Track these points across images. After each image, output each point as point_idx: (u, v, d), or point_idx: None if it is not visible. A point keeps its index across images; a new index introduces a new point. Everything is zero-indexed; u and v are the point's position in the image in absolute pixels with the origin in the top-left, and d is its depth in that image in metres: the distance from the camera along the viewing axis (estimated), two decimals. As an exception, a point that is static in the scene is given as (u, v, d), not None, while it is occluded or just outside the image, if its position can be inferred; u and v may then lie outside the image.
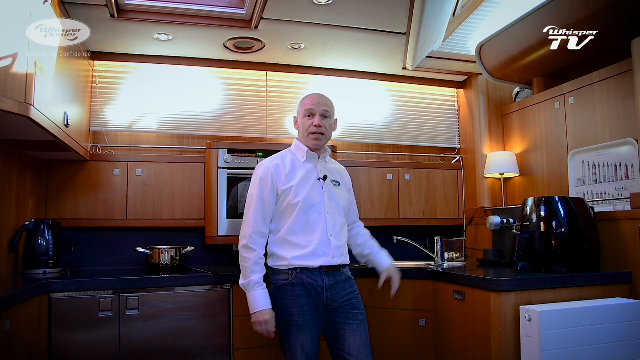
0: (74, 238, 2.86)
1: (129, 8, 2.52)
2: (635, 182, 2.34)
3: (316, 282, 1.97)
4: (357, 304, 2.04)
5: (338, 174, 2.20)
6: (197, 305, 2.40)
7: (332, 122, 2.13)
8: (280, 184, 2.02)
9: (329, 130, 2.11)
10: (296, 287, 1.96)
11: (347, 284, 2.05)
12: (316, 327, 1.99)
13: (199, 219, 2.94)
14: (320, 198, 2.03)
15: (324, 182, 2.07)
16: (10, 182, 2.41)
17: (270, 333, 1.95)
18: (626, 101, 2.37)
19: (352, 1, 2.47)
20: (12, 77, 1.76)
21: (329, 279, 1.99)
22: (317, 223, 2.00)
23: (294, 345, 1.95)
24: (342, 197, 2.14)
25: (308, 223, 1.99)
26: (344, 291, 2.02)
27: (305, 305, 1.96)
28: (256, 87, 3.24)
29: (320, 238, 1.98)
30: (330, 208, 2.04)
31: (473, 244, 3.27)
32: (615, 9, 2.21)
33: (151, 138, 3.11)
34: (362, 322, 2.01)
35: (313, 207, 2.00)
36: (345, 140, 3.42)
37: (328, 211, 2.03)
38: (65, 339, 2.18)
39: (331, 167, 2.19)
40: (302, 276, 1.96)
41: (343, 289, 2.02)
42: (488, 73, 3.06)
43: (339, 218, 2.08)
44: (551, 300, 2.01)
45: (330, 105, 2.14)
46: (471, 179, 3.41)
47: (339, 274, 2.03)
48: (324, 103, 2.10)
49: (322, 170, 2.10)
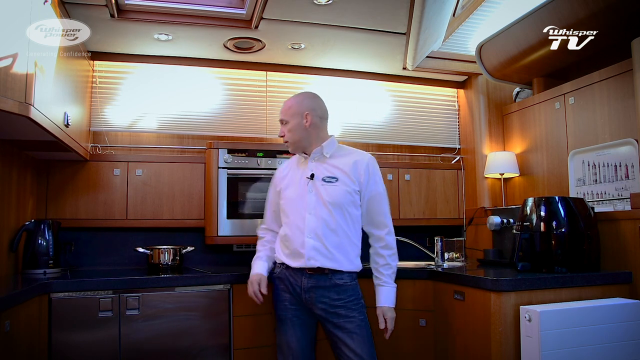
0: (74, 238, 2.86)
1: (129, 8, 2.52)
2: (635, 182, 2.34)
3: (296, 282, 1.99)
4: (344, 313, 1.93)
5: (338, 168, 2.01)
6: (197, 305, 2.40)
7: (292, 124, 2.03)
8: (279, 186, 2.13)
9: (294, 132, 2.03)
10: (281, 281, 2.05)
11: (333, 291, 1.94)
12: (302, 325, 2.01)
13: (199, 219, 2.94)
14: (305, 198, 1.99)
15: (310, 180, 2.01)
16: (10, 182, 2.41)
17: (256, 293, 2.03)
18: (626, 101, 2.37)
19: (352, 1, 2.47)
20: (12, 77, 1.76)
21: (308, 281, 1.96)
22: (297, 224, 1.98)
23: (280, 339, 2.05)
24: (335, 193, 1.96)
25: (291, 223, 2.01)
26: (324, 297, 1.94)
27: (288, 301, 2.02)
28: (256, 87, 3.24)
29: (298, 239, 1.97)
30: (314, 208, 1.96)
31: (473, 244, 3.27)
32: (615, 9, 2.21)
33: (151, 138, 3.11)
34: (350, 332, 1.91)
35: (296, 207, 2.01)
36: (345, 140, 3.42)
37: (310, 211, 1.96)
38: (65, 339, 2.18)
39: (331, 162, 2.03)
40: (286, 273, 2.03)
41: (324, 295, 1.94)
42: (488, 73, 3.06)
43: (328, 218, 1.94)
44: (551, 300, 2.01)
45: (286, 109, 2.06)
46: (471, 179, 3.41)
47: (324, 279, 1.94)
48: (281, 111, 2.09)
49: (314, 169, 2.02)
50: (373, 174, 2.02)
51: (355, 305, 1.97)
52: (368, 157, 2.06)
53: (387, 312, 2.00)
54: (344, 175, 2.00)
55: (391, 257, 2.03)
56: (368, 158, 2.05)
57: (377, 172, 2.05)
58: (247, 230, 2.87)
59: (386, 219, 2.03)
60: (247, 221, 2.88)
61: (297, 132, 2.03)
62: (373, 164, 2.05)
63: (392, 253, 2.03)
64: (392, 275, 2.03)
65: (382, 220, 2.03)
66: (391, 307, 2.01)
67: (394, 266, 2.04)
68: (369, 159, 2.05)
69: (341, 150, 2.10)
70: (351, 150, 2.10)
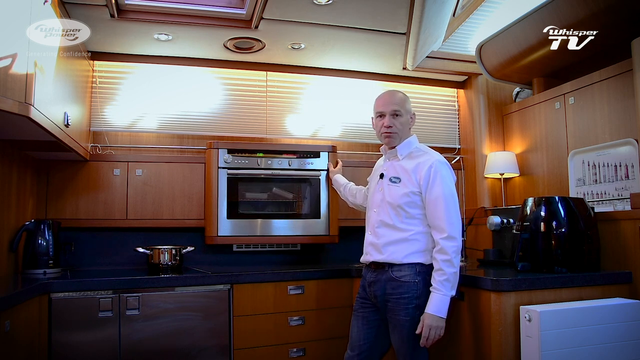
0: (74, 238, 2.86)
1: (129, 8, 2.52)
2: (635, 182, 2.33)
3: (365, 277, 2.12)
4: (391, 307, 1.97)
5: (405, 169, 2.03)
6: (197, 305, 2.40)
7: (404, 119, 2.09)
8: (370, 177, 2.33)
9: (404, 126, 2.10)
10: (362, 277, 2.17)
11: (388, 285, 1.99)
12: (364, 318, 2.09)
13: (199, 219, 2.94)
14: (375, 196, 2.13)
15: (380, 179, 2.12)
16: (10, 182, 2.41)
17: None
18: (626, 101, 2.37)
19: (352, 1, 2.47)
20: (12, 77, 1.76)
21: (371, 275, 2.07)
22: (368, 219, 2.16)
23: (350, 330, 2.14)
24: (396, 194, 2.01)
25: (366, 217, 2.19)
26: (381, 290, 2.01)
27: (359, 295, 2.15)
28: (256, 87, 3.24)
29: (366, 235, 2.14)
30: (379, 206, 2.08)
31: (473, 244, 3.27)
32: (615, 9, 2.21)
33: (151, 138, 3.11)
34: (394, 327, 1.98)
35: (369, 203, 2.19)
36: (345, 140, 3.42)
37: (375, 209, 2.10)
38: (65, 339, 2.18)
39: (401, 163, 2.07)
40: (364, 269, 2.16)
41: (381, 288, 2.00)
42: (488, 73, 3.06)
43: (387, 217, 2.02)
44: (551, 300, 2.01)
45: (400, 102, 2.10)
46: (471, 179, 3.41)
47: (382, 272, 2.01)
48: (392, 102, 2.10)
49: (387, 168, 2.12)
50: (435, 177, 1.96)
51: (407, 304, 1.94)
52: (434, 159, 2.00)
53: (426, 318, 1.88)
54: (407, 176, 2.02)
55: (445, 262, 1.89)
56: (433, 160, 1.99)
57: (442, 175, 1.96)
58: (247, 230, 2.87)
59: (444, 223, 1.92)
60: (247, 221, 2.88)
61: (405, 128, 2.11)
62: (438, 166, 1.97)
63: (446, 259, 1.89)
64: (446, 283, 1.88)
65: (439, 224, 1.93)
66: (433, 315, 1.87)
67: (449, 273, 1.88)
68: (434, 162, 1.98)
69: (416, 151, 2.09)
70: (423, 152, 2.08)
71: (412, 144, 2.11)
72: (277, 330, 2.56)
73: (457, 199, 1.98)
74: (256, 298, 2.54)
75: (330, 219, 3.00)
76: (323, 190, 3.00)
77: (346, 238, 3.13)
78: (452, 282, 1.89)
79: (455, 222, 1.93)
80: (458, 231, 1.93)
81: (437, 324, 1.88)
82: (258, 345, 2.49)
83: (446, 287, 1.88)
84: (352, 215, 2.96)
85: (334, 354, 2.58)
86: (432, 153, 2.06)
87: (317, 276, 2.67)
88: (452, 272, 1.89)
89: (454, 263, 1.89)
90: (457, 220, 1.94)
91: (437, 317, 1.87)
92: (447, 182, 1.97)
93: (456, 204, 1.97)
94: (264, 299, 2.55)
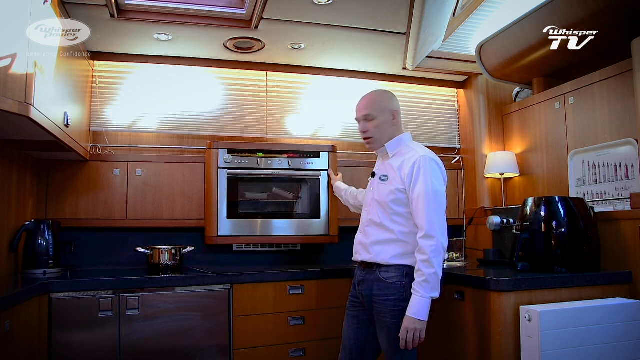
0: (74, 238, 2.86)
1: (129, 8, 2.52)
2: (635, 182, 2.34)
3: (355, 275, 2.13)
4: (378, 309, 1.95)
5: (392, 167, 2.01)
6: (197, 305, 2.40)
7: (379, 120, 2.03)
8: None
9: (381, 129, 2.03)
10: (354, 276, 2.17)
11: (375, 285, 1.96)
12: (355, 317, 2.09)
13: (199, 219, 2.94)
14: (368, 195, 2.14)
15: (373, 179, 2.13)
16: (10, 182, 2.41)
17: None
18: (626, 101, 2.37)
19: (352, 1, 2.47)
20: (12, 77, 1.76)
21: (360, 274, 2.08)
22: (360, 219, 2.17)
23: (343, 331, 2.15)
24: (383, 192, 1.99)
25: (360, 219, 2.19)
26: (368, 290, 1.99)
27: (351, 294, 2.15)
28: (256, 87, 3.24)
29: (357, 233, 2.15)
30: (369, 205, 2.09)
31: (473, 244, 3.27)
32: (615, 9, 2.21)
33: (151, 138, 3.11)
34: (381, 329, 1.95)
35: (364, 204, 2.19)
36: (345, 140, 3.42)
37: (366, 208, 2.12)
38: (65, 339, 2.18)
39: (390, 161, 2.05)
40: (356, 268, 2.15)
41: (369, 288, 2.00)
42: (488, 73, 3.06)
43: (375, 215, 2.01)
44: (551, 300, 2.01)
45: (370, 104, 2.06)
46: (471, 179, 3.41)
47: (371, 273, 2.00)
48: (363, 107, 2.09)
49: (379, 167, 2.13)
50: (417, 174, 1.90)
51: (393, 306, 1.90)
52: (419, 155, 1.93)
53: (405, 321, 1.84)
54: (394, 173, 1.99)
55: (423, 263, 1.82)
56: (418, 157, 1.93)
57: (425, 172, 1.89)
58: (247, 230, 2.87)
59: (424, 221, 1.85)
60: (247, 221, 2.88)
61: (384, 129, 2.04)
62: (422, 163, 1.90)
63: (424, 259, 1.82)
64: (425, 285, 1.81)
65: (419, 222, 1.88)
66: (412, 317, 1.82)
67: (428, 274, 1.81)
68: (418, 158, 1.92)
69: (404, 148, 2.04)
70: (411, 149, 2.01)
71: (402, 142, 2.05)
72: (277, 330, 2.56)
73: (441, 196, 1.89)
74: (256, 298, 2.54)
75: (330, 219, 3.00)
76: (323, 190, 3.00)
77: (346, 238, 3.12)
78: (432, 284, 1.81)
79: (435, 220, 1.84)
80: (438, 230, 1.84)
81: (416, 327, 1.82)
82: (258, 345, 2.49)
83: (425, 289, 1.81)
84: (352, 215, 2.95)
85: (334, 354, 2.57)
86: (418, 149, 1.98)
87: (317, 276, 2.67)
88: (430, 272, 1.81)
89: (432, 263, 1.81)
90: (437, 218, 1.85)
91: (416, 319, 1.81)
92: (431, 178, 1.89)
93: (439, 201, 1.88)
94: (263, 299, 2.55)
